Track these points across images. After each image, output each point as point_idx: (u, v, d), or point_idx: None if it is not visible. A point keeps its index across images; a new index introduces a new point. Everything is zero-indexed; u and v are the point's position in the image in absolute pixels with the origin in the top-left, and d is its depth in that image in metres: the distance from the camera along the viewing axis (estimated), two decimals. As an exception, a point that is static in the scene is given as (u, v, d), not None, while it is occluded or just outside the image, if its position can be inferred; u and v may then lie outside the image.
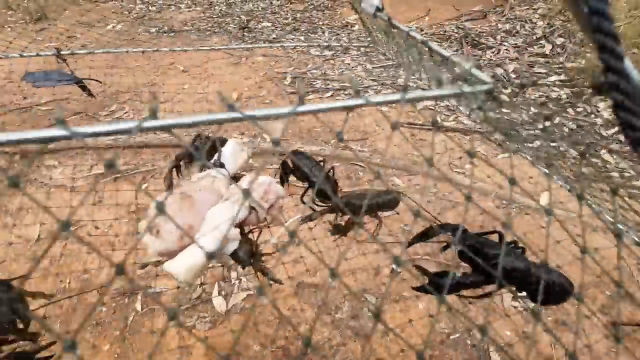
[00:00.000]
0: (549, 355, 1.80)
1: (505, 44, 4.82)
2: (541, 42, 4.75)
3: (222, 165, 0.83)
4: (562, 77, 4.32)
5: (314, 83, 4.14)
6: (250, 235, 0.79)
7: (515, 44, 4.77)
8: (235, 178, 0.85)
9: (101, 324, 1.89)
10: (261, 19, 5.95)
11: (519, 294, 0.74)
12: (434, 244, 2.19)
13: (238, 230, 0.70)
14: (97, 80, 2.41)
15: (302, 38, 5.31)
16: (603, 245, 2.16)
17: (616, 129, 3.44)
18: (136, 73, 4.25)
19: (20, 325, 0.75)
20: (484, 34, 5.01)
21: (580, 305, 0.81)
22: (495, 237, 0.89)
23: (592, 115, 3.65)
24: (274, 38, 5.29)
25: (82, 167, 2.78)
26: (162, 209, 0.38)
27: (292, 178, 0.98)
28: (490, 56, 4.60)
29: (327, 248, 2.15)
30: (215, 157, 0.84)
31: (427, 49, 0.91)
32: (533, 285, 0.79)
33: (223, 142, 0.90)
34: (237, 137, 3.24)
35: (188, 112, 3.50)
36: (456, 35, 5.07)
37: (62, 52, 1.98)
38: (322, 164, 0.93)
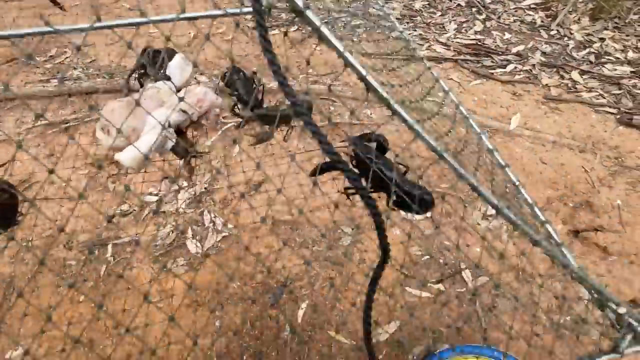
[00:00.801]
0: (514, 264, 1.91)
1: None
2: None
3: (168, 78, 0.90)
4: (537, 0, 4.14)
5: None
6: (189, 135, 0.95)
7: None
8: (180, 90, 0.93)
9: (73, 277, 1.84)
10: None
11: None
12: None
13: (173, 130, 0.84)
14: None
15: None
16: (569, 161, 2.22)
17: (587, 50, 3.41)
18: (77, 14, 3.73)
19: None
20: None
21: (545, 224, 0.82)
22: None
23: (565, 38, 3.57)
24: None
25: (25, 119, 2.51)
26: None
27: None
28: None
29: (299, 185, 2.11)
30: (163, 69, 0.93)
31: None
32: (397, 194, 0.91)
33: (171, 55, 0.95)
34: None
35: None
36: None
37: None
38: (254, 81, 1.01)
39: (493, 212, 2.11)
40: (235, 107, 0.98)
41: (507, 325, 1.74)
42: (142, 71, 0.99)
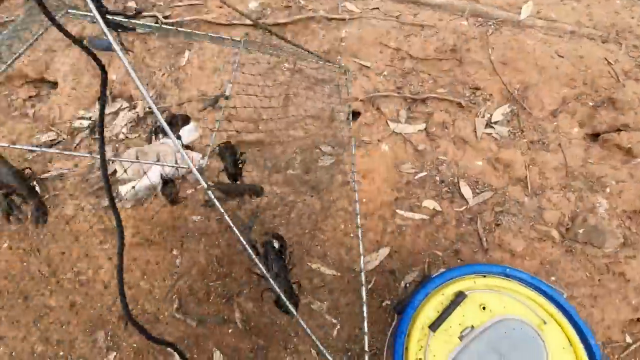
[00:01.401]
0: (522, 176, 1.64)
1: None
2: None
3: (179, 137, 1.27)
4: None
5: None
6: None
7: None
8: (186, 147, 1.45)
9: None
10: None
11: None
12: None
13: (159, 176, 1.37)
14: None
15: None
16: (589, 53, 1.84)
17: None
18: None
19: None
20: None
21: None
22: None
23: None
24: None
25: None
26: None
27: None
28: None
29: (266, 97, 1.72)
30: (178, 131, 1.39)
31: None
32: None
33: (185, 120, 1.51)
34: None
35: None
36: None
37: None
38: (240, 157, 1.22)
39: (499, 118, 1.79)
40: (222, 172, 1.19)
41: (511, 244, 1.52)
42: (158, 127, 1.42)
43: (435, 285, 1.09)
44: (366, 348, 1.05)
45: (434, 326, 0.99)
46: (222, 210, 0.78)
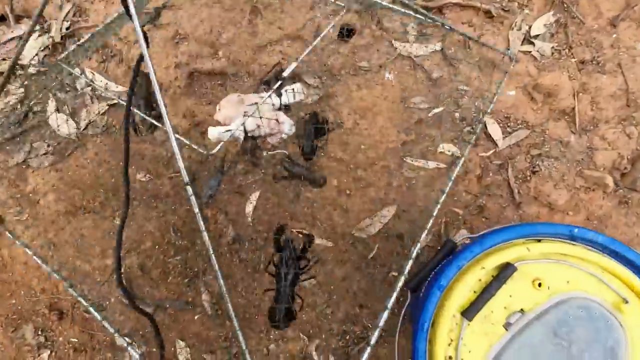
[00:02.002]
0: (568, 108, 1.26)
1: None
2: None
3: (280, 95, 1.17)
4: None
5: None
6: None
7: None
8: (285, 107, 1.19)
9: None
10: None
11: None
12: None
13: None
14: None
15: None
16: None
17: None
18: None
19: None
20: None
21: None
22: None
23: None
24: None
25: None
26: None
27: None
28: None
29: (223, 9, 1.25)
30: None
31: None
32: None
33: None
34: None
35: None
36: None
37: None
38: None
39: (540, 30, 1.36)
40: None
41: (550, 196, 1.18)
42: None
43: (472, 255, 0.76)
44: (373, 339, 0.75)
45: (469, 312, 0.70)
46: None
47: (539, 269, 0.74)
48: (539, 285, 0.72)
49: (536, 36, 1.31)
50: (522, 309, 0.71)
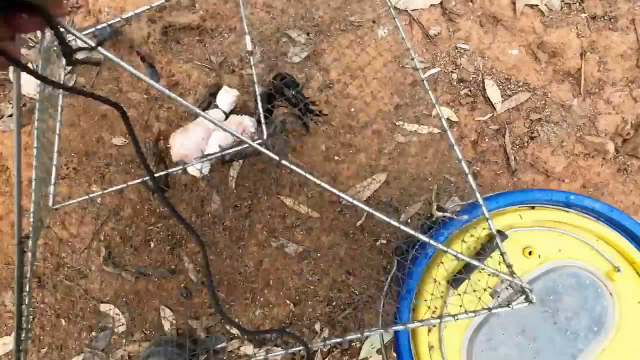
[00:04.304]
0: (574, 69, 1.17)
1: None
2: None
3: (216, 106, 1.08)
4: None
5: None
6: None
7: None
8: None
9: None
10: None
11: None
12: None
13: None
14: None
15: None
16: None
17: None
18: None
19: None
20: None
21: None
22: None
23: None
24: None
25: None
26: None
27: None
28: None
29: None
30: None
31: None
32: None
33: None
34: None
35: None
36: None
37: None
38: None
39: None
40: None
41: (548, 163, 1.13)
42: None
43: (462, 223, 0.72)
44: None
45: (456, 281, 0.67)
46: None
47: (530, 237, 0.71)
48: (530, 254, 0.70)
49: (545, -12, 1.20)
50: (510, 279, 0.68)
